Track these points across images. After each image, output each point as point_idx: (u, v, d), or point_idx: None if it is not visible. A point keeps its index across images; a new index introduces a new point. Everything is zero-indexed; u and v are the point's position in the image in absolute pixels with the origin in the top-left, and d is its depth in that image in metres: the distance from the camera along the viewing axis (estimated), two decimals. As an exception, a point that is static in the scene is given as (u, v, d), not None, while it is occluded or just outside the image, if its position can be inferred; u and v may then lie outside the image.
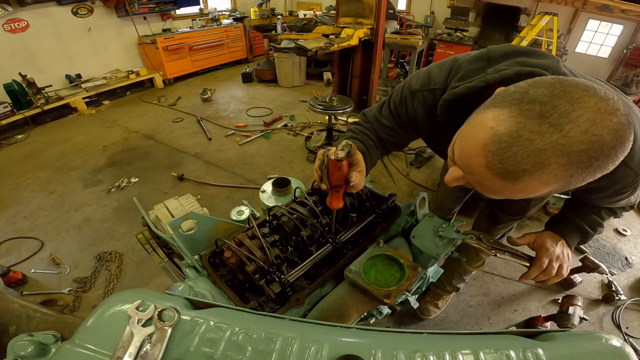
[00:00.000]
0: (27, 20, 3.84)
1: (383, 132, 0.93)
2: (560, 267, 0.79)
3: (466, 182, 0.59)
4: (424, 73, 0.84)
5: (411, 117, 0.87)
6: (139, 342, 0.44)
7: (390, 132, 0.93)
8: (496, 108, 0.49)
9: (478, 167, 0.51)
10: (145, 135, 3.71)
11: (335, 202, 0.72)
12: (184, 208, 1.18)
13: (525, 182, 0.47)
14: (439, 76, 0.79)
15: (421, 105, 0.83)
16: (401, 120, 0.90)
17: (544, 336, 0.50)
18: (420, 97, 0.82)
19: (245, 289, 0.78)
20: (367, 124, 0.97)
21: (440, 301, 1.75)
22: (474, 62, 0.73)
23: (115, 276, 1.98)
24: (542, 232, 0.87)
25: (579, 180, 0.46)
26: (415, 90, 0.83)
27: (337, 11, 3.66)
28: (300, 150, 3.36)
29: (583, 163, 0.43)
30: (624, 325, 1.74)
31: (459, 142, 0.57)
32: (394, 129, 0.92)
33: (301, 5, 7.23)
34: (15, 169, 3.08)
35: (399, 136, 0.94)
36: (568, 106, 0.43)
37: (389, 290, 0.69)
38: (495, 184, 0.50)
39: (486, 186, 0.54)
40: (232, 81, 5.56)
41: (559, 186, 0.47)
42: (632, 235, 2.34)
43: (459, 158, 0.57)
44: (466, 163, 0.55)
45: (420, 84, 0.82)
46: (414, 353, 0.45)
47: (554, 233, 0.85)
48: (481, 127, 0.50)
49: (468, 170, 0.55)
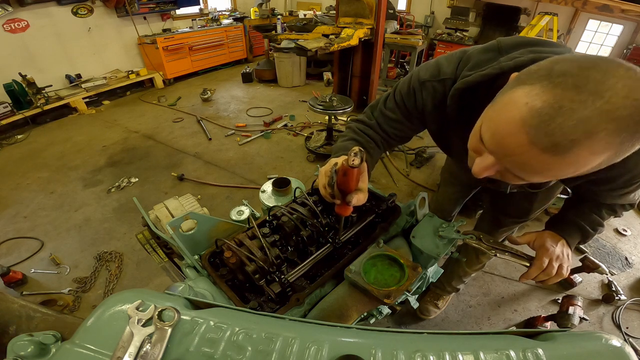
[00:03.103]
0: (27, 20, 3.84)
1: (389, 125, 0.91)
2: (560, 267, 0.79)
3: (497, 170, 0.56)
4: (432, 64, 0.82)
5: (419, 109, 0.84)
6: (139, 342, 0.44)
7: (396, 125, 0.90)
8: (525, 85, 0.48)
9: (519, 146, 0.48)
10: (145, 135, 3.71)
11: (345, 209, 0.69)
12: (184, 208, 1.18)
13: (576, 153, 0.44)
14: (448, 67, 0.78)
15: (430, 96, 0.81)
16: (408, 112, 0.87)
17: (544, 336, 0.50)
18: (430, 88, 0.80)
19: (245, 289, 0.78)
20: (372, 120, 0.94)
21: (440, 301, 1.75)
22: (485, 52, 0.72)
23: (115, 276, 1.98)
24: (542, 231, 0.87)
25: (628, 148, 0.45)
26: (424, 81, 0.81)
27: (337, 11, 3.66)
28: (300, 150, 3.36)
29: (631, 128, 0.42)
30: (624, 325, 1.74)
31: (487, 125, 0.54)
32: (400, 121, 0.89)
33: (301, 5, 7.23)
34: (15, 169, 3.08)
35: (405, 128, 0.91)
36: (600, 75, 0.42)
37: (389, 290, 0.69)
38: (543, 160, 0.47)
39: (531, 166, 0.50)
40: (232, 81, 5.56)
41: (610, 155, 0.45)
42: (632, 235, 2.34)
43: (491, 142, 0.53)
44: (502, 145, 0.51)
45: (429, 74, 0.80)
46: (414, 353, 0.45)
47: (554, 232, 0.85)
48: (514, 105, 0.48)
49: (506, 152, 0.51)
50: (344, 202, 0.67)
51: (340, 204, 0.68)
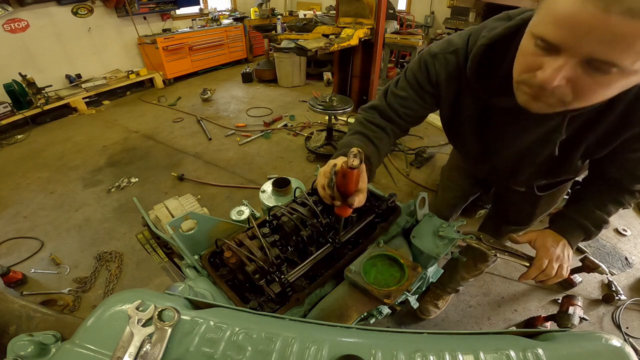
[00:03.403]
0: (27, 20, 3.84)
1: (400, 105, 0.89)
2: (560, 267, 0.79)
3: (568, 74, 0.51)
4: (442, 41, 0.82)
5: (433, 82, 0.84)
6: (139, 342, 0.44)
7: (407, 103, 0.89)
8: None
9: (591, 18, 0.43)
10: (145, 135, 3.71)
11: (345, 211, 0.69)
12: (184, 208, 1.18)
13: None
14: (459, 40, 0.78)
15: (443, 68, 0.80)
16: (420, 87, 0.86)
17: (544, 336, 0.50)
18: (442, 59, 0.80)
19: (245, 289, 0.78)
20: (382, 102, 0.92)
21: (440, 301, 1.75)
22: (496, 21, 0.74)
23: (115, 276, 1.98)
24: (543, 230, 0.86)
25: None
26: (435, 53, 0.81)
27: (337, 11, 3.66)
28: (300, 150, 3.36)
29: None
30: (624, 325, 1.74)
31: (548, 19, 0.50)
32: (412, 98, 0.88)
33: (301, 5, 7.22)
34: (15, 169, 3.08)
35: (417, 106, 0.89)
36: None
37: (389, 290, 0.69)
38: (624, 29, 0.42)
39: (611, 42, 0.44)
40: (232, 81, 5.56)
41: None
42: (632, 235, 2.34)
43: (559, 31, 0.48)
44: (574, 25, 0.46)
45: (440, 48, 0.81)
46: (414, 353, 0.45)
47: (556, 232, 0.84)
48: None
49: (577, 36, 0.46)
50: (344, 204, 0.66)
51: (340, 205, 0.68)
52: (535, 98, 0.59)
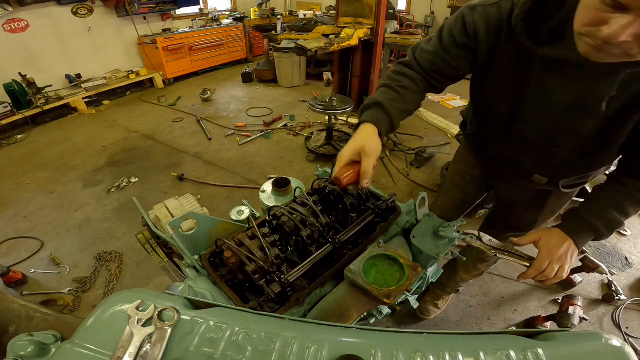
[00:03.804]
0: (27, 20, 3.84)
1: (425, 60, 0.87)
2: (560, 268, 0.78)
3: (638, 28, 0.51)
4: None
5: (470, 33, 0.79)
6: (139, 342, 0.44)
7: (433, 59, 0.86)
8: None
9: None
10: (145, 135, 3.71)
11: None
12: (184, 208, 1.18)
13: None
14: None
15: (482, 19, 0.77)
16: (453, 43, 0.82)
17: (544, 336, 0.50)
18: (482, 11, 0.77)
19: (245, 289, 0.78)
20: (411, 58, 0.90)
21: (440, 301, 1.75)
22: None
23: (115, 276, 1.98)
24: (549, 229, 0.84)
25: None
26: (475, 6, 0.78)
27: (337, 11, 3.66)
28: (300, 150, 3.36)
29: None
30: (624, 325, 1.74)
31: None
32: (439, 54, 0.85)
33: (301, 5, 7.23)
34: (15, 169, 3.08)
35: (443, 63, 0.85)
36: None
37: (389, 290, 0.69)
38: None
39: None
40: (232, 81, 5.56)
41: None
42: (632, 235, 2.34)
43: None
44: None
45: (480, 0, 0.79)
46: (414, 353, 0.45)
47: (564, 231, 0.81)
48: None
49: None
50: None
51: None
52: (599, 50, 0.58)
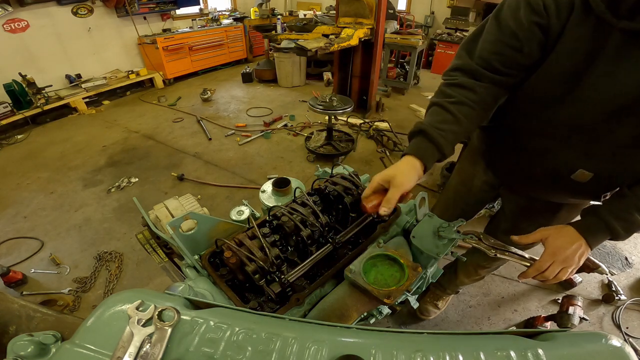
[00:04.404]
0: (27, 20, 3.84)
1: (490, 52, 0.76)
2: (563, 270, 0.75)
3: None
4: None
5: (539, 11, 0.69)
6: (139, 342, 0.44)
7: (501, 49, 0.75)
8: None
9: None
10: (145, 135, 3.71)
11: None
12: (184, 208, 1.18)
13: None
14: None
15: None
16: (520, 25, 0.71)
17: (544, 336, 0.50)
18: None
19: (245, 289, 0.78)
20: (471, 61, 0.79)
21: (440, 301, 1.75)
22: None
23: (115, 276, 1.98)
24: (561, 227, 0.79)
25: None
26: None
27: (337, 11, 3.66)
28: (300, 150, 3.36)
29: None
30: (624, 325, 1.74)
31: None
32: (505, 42, 0.74)
33: (301, 5, 7.23)
34: (15, 169, 3.08)
35: (512, 52, 0.74)
36: None
37: (389, 290, 0.69)
38: None
39: None
40: (232, 81, 5.56)
41: None
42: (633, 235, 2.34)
43: None
44: None
45: None
46: (414, 353, 0.45)
47: (578, 229, 0.76)
48: None
49: None
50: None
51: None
52: None
